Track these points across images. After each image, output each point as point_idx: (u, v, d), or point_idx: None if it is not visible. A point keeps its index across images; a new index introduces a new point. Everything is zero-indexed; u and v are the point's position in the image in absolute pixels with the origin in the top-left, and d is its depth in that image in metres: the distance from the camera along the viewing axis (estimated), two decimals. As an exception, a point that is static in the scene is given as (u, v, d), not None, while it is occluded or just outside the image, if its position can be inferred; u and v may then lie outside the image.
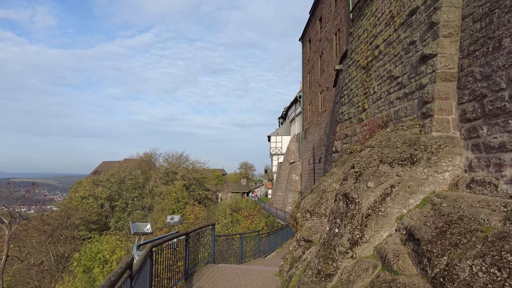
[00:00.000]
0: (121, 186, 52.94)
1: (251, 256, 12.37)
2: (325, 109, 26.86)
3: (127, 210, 51.45)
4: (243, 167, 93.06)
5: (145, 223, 5.26)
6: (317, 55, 30.08)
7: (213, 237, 9.04)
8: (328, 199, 6.05)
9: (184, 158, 59.86)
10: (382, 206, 5.09)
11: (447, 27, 5.66)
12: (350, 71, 10.91)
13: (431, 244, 4.10)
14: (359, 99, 9.56)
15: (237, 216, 32.40)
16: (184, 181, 53.28)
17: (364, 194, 5.27)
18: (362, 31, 10.29)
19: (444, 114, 5.53)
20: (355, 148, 7.00)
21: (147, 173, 57.70)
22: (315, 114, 30.32)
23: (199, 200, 54.89)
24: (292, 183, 36.55)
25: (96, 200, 52.13)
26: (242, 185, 73.48)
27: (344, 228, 5.19)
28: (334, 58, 24.81)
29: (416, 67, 6.39)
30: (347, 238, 5.04)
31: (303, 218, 6.32)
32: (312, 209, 6.07)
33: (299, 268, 5.85)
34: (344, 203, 5.57)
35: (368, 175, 5.38)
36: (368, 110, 8.66)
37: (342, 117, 10.85)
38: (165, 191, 47.87)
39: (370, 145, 5.96)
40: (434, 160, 5.22)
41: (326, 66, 26.86)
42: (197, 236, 7.78)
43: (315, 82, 30.64)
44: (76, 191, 55.46)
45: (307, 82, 34.52)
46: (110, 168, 58.34)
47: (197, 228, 8.01)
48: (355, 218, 5.14)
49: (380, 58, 8.37)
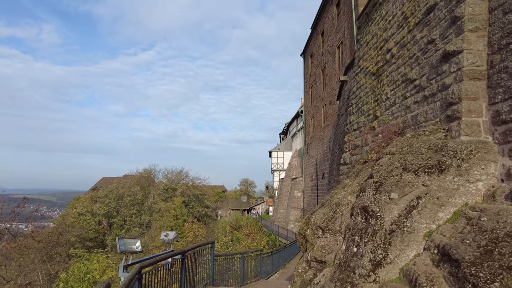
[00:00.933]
0: (120, 203, 51.88)
1: (253, 277, 11.49)
2: (328, 123, 26.32)
3: (125, 227, 50.20)
4: (243, 184, 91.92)
5: (134, 240, 4.55)
6: (319, 69, 29.81)
7: (213, 256, 8.26)
8: (343, 214, 5.35)
9: (184, 174, 59.01)
10: (408, 221, 4.39)
11: (473, 21, 5.11)
12: (358, 79, 10.37)
13: (476, 267, 3.38)
14: (369, 107, 8.97)
15: (237, 234, 31.33)
16: (183, 197, 52.27)
17: (386, 207, 4.57)
18: (370, 36, 9.82)
19: (474, 116, 4.90)
20: (370, 157, 6.34)
21: (146, 190, 56.73)
22: (318, 129, 29.76)
23: (199, 217, 53.64)
24: (294, 200, 35.59)
25: (93, 217, 50.99)
26: (243, 202, 72.22)
27: (364, 246, 4.46)
28: (337, 72, 24.46)
29: (436, 67, 5.81)
30: (368, 259, 4.31)
31: (314, 235, 5.60)
32: (324, 225, 5.37)
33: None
34: (362, 218, 4.86)
35: (390, 185, 4.70)
36: (381, 117, 8.05)
37: (350, 127, 10.24)
38: (163, 208, 46.81)
39: (389, 152, 5.31)
40: (465, 168, 4.55)
41: (329, 80, 26.51)
42: (194, 255, 7.04)
43: (317, 96, 30.24)
44: (73, 207, 54.43)
45: (309, 96, 34.15)
46: (109, 184, 57.41)
47: (195, 246, 7.27)
48: (377, 235, 4.43)
49: (393, 62, 7.83)
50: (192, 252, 6.92)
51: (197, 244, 7.49)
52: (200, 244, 7.82)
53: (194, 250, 7.02)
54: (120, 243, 4.36)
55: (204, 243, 7.96)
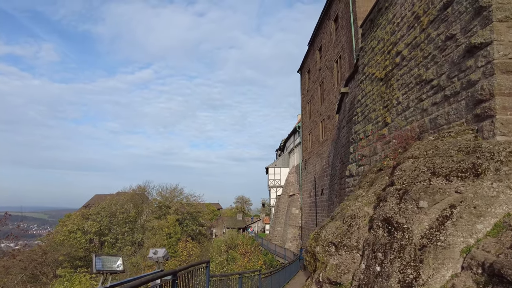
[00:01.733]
0: (112, 220, 50.31)
1: (251, 299, 10.56)
2: (326, 138, 25.78)
3: (117, 246, 48.49)
4: (239, 201, 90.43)
5: (114, 258, 3.78)
6: (316, 85, 29.56)
7: (208, 277, 7.42)
8: (360, 227, 4.65)
9: (178, 191, 57.66)
10: (441, 234, 3.69)
11: (502, 10, 4.60)
12: (363, 87, 9.85)
13: (542, 290, 2.68)
14: (377, 114, 8.39)
15: (233, 253, 30.11)
16: (177, 215, 50.87)
17: (414, 217, 3.88)
18: (376, 42, 9.37)
19: (510, 114, 4.30)
20: (386, 164, 5.69)
21: (139, 207, 55.24)
22: (316, 144, 29.20)
23: (193, 236, 52.06)
24: (292, 217, 34.58)
25: (84, 235, 49.33)
26: (238, 220, 70.69)
27: (390, 265, 3.74)
28: (335, 86, 24.16)
29: (459, 64, 5.26)
30: (396, 280, 3.58)
31: (325, 253, 4.86)
32: (338, 241, 4.64)
33: (323, 321, 4.31)
34: (385, 231, 4.16)
35: (418, 192, 4.02)
36: (392, 123, 7.46)
37: (356, 136, 9.63)
38: (156, 226, 45.36)
39: (412, 156, 4.67)
40: (505, 172, 3.91)
41: (327, 95, 26.18)
42: (187, 276, 6.21)
43: (315, 111, 29.86)
44: (64, 225, 52.74)
45: (306, 112, 33.80)
46: (102, 201, 55.90)
47: (188, 266, 6.45)
48: (405, 251, 3.71)
49: (404, 65, 7.31)
50: (184, 272, 6.10)
51: (191, 263, 6.67)
52: (194, 263, 6.99)
53: (187, 270, 6.20)
54: (97, 261, 3.59)
55: (198, 262, 7.13)
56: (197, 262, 7.01)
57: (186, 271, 6.21)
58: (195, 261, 40.16)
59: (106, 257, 3.74)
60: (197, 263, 6.95)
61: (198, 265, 6.94)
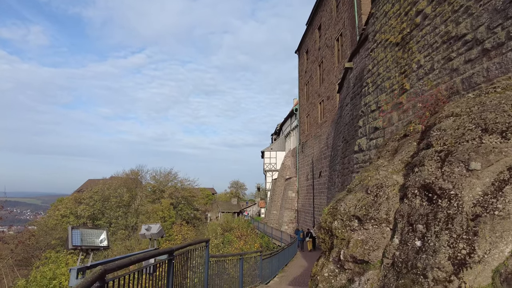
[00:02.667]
0: (105, 205, 49.61)
1: (250, 282, 10.00)
2: (325, 120, 25.10)
3: (111, 230, 47.98)
4: (233, 186, 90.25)
5: (97, 231, 3.06)
6: (315, 65, 28.65)
7: (207, 257, 6.78)
8: (389, 197, 3.99)
9: (172, 175, 56.94)
10: (499, 202, 3.03)
11: None
12: (374, 55, 9.08)
13: None
14: (392, 82, 7.66)
15: (229, 236, 29.75)
16: (171, 199, 50.30)
17: (464, 182, 3.21)
18: (390, 6, 8.55)
19: None
20: (412, 128, 4.99)
21: (133, 191, 54.54)
22: (314, 126, 28.52)
23: (187, 220, 51.72)
24: (288, 201, 34.22)
25: (77, 219, 48.64)
26: (233, 205, 70.51)
27: (435, 239, 3.08)
28: (335, 65, 23.32)
29: (504, 10, 4.51)
30: (446, 256, 2.92)
31: (345, 228, 4.20)
32: (363, 214, 3.98)
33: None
34: (424, 200, 3.49)
35: (467, 153, 3.34)
36: (411, 90, 6.74)
37: (366, 109, 8.92)
38: (150, 209, 44.79)
39: (453, 114, 3.98)
40: None
41: (327, 74, 25.34)
42: (184, 256, 5.57)
43: (314, 93, 29.05)
44: (56, 209, 52.01)
45: (304, 94, 32.96)
46: (95, 186, 55.10)
47: (186, 244, 5.77)
48: (454, 222, 3.05)
49: (426, 24, 6.54)
50: (182, 252, 5.45)
51: (189, 242, 6.00)
52: (192, 241, 6.32)
53: (185, 249, 5.54)
54: (75, 235, 2.86)
55: (198, 240, 6.46)
56: (195, 240, 6.35)
57: (185, 250, 5.55)
58: (190, 244, 39.61)
59: (86, 229, 3.02)
60: (196, 241, 6.29)
61: (197, 244, 6.28)
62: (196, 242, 6.53)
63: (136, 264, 3.55)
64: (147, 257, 3.81)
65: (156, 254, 4.30)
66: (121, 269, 3.01)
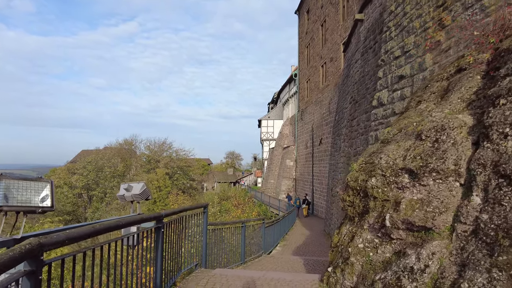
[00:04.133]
0: (99, 175, 48.75)
1: (252, 252, 9.16)
2: (327, 84, 23.73)
3: (106, 200, 47.48)
4: (229, 157, 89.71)
5: (37, 184, 1.97)
6: (317, 25, 26.80)
7: (205, 225, 5.79)
8: (457, 142, 2.90)
9: (167, 145, 55.84)
10: None
11: None
12: (398, -7, 7.69)
13: None
14: (425, 19, 6.38)
15: (226, 205, 29.19)
16: (167, 169, 49.50)
17: None
18: None
19: None
20: (473, 59, 3.82)
21: (127, 161, 53.60)
22: (315, 92, 27.16)
23: (183, 189, 51.29)
24: (286, 170, 33.50)
25: (71, 189, 47.92)
26: (229, 175, 70.19)
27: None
28: (340, 23, 21.63)
29: None
30: None
31: (389, 186, 3.15)
32: (419, 165, 2.91)
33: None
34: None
35: None
36: (452, 24, 5.49)
37: (388, 57, 7.66)
38: (145, 179, 44.07)
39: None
40: None
41: (330, 34, 23.64)
42: (178, 224, 4.55)
43: (315, 55, 27.41)
44: (49, 180, 51.06)
45: (304, 57, 31.25)
46: (88, 156, 54.02)
47: (180, 209, 4.74)
48: None
49: None
50: (175, 219, 4.43)
51: (183, 207, 4.95)
52: (188, 207, 5.28)
53: (178, 215, 4.51)
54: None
55: (194, 206, 5.43)
56: (191, 205, 5.30)
57: (177, 216, 4.50)
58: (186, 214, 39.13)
59: (17, 181, 1.90)
60: (193, 206, 5.24)
61: (193, 209, 5.24)
62: (192, 208, 5.48)
63: (107, 232, 2.47)
64: (123, 224, 2.73)
65: (139, 220, 3.24)
66: (74, 242, 1.91)
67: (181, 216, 4.69)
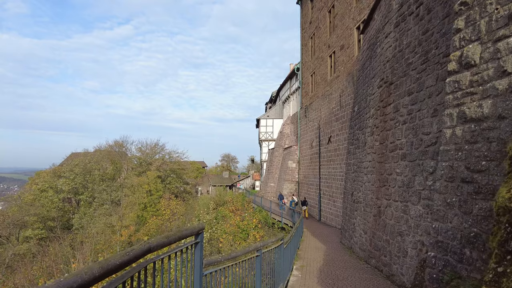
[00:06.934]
0: (87, 178, 45.64)
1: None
2: (337, 75, 21.21)
3: (94, 205, 44.37)
4: (225, 159, 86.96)
5: None
6: (324, 12, 24.32)
7: (200, 267, 3.15)
8: None
9: (159, 147, 52.93)
10: None
11: None
12: None
13: None
14: None
15: (222, 211, 26.42)
16: (159, 172, 46.57)
17: None
18: None
19: None
20: None
21: (117, 164, 50.51)
22: (321, 85, 24.63)
23: (177, 193, 48.38)
24: (288, 172, 30.85)
25: (57, 194, 44.70)
26: (224, 178, 67.35)
27: None
28: (353, 5, 19.16)
29: None
30: None
31: None
32: None
33: None
34: None
35: None
36: None
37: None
38: (136, 182, 41.07)
39: None
40: None
41: (340, 19, 21.16)
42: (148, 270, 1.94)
43: (322, 45, 24.90)
44: (34, 183, 47.96)
45: (308, 49, 28.75)
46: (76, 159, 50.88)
47: (145, 247, 2.12)
48: None
49: None
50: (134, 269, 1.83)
51: (157, 238, 2.32)
52: (164, 239, 2.62)
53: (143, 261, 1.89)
54: None
55: (178, 235, 2.74)
56: (173, 234, 2.62)
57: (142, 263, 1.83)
58: (179, 220, 35.74)
59: None
60: (175, 236, 2.57)
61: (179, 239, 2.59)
62: (175, 239, 2.80)
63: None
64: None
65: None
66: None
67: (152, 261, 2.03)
